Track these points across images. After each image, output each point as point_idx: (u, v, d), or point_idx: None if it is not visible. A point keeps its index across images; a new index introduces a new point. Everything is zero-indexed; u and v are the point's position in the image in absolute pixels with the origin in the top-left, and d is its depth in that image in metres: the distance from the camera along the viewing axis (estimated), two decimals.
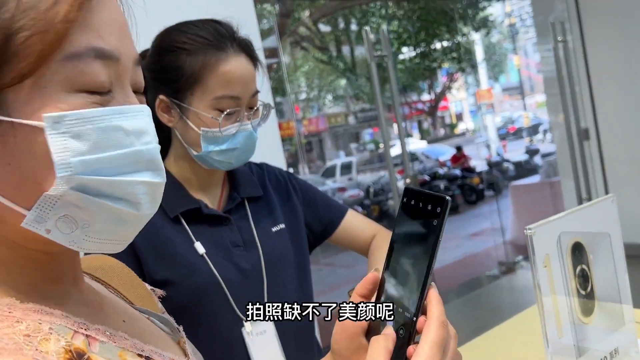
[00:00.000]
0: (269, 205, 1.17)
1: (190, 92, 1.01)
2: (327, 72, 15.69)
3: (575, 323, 0.77)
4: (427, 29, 12.45)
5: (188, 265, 1.02)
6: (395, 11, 12.49)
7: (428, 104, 21.11)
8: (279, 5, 9.03)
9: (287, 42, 12.39)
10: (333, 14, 11.65)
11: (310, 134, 20.75)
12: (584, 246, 0.79)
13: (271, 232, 1.14)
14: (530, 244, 0.72)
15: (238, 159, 1.06)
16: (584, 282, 0.79)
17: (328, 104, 19.46)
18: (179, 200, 1.06)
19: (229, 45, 1.02)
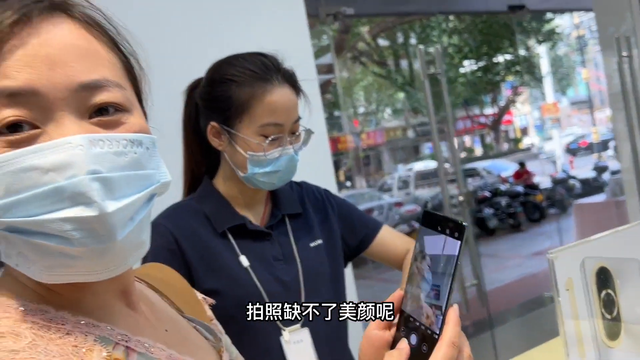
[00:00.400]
0: (307, 221, 1.24)
1: (239, 120, 1.11)
2: (385, 86, 15.70)
3: (600, 346, 0.78)
4: (490, 42, 12.25)
5: (233, 276, 1.11)
6: (457, 25, 12.37)
7: (491, 117, 20.65)
8: (338, 22, 9.19)
9: (346, 57, 12.52)
10: (392, 29, 11.68)
11: (369, 148, 20.76)
12: (610, 271, 0.81)
13: (309, 247, 1.21)
14: (551, 268, 0.75)
15: (280, 179, 1.15)
16: (609, 306, 0.80)
17: (386, 118, 19.42)
18: (226, 216, 1.15)
19: (274, 76, 1.11)
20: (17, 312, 0.48)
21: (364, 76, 15.42)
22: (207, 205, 1.16)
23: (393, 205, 11.33)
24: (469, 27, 12.19)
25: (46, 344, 0.46)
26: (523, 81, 15.32)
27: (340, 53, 11.58)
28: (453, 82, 13.80)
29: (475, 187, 11.43)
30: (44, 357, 0.45)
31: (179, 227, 1.12)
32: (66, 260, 0.47)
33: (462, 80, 14.65)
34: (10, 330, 0.46)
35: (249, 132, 1.10)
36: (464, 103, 18.70)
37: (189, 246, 1.10)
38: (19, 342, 0.45)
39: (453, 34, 12.74)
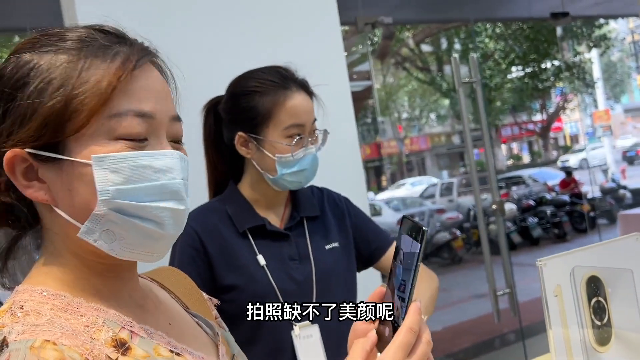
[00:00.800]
0: (325, 224, 1.32)
1: (265, 126, 1.21)
2: (429, 91, 15.60)
3: (589, 351, 0.83)
4: (538, 48, 12.01)
5: (250, 274, 1.20)
6: (503, 30, 12.19)
7: (540, 124, 20.18)
8: (381, 29, 9.22)
9: (390, 63, 12.53)
10: (436, 34, 11.62)
11: (412, 153, 20.62)
12: (602, 280, 0.85)
13: (324, 249, 1.28)
14: (540, 274, 0.80)
15: (306, 178, 1.25)
16: (599, 313, 0.84)
17: (430, 124, 19.26)
18: (247, 217, 1.24)
19: (292, 84, 1.23)
20: (40, 295, 0.59)
21: (407, 82, 15.37)
22: (231, 207, 1.25)
23: (434, 212, 11.24)
24: (515, 33, 11.99)
25: (62, 321, 0.57)
26: (573, 87, 14.91)
27: (384, 59, 11.61)
28: (499, 88, 13.58)
29: (520, 196, 11.21)
30: (59, 330, 0.55)
31: (204, 226, 1.22)
32: (148, 241, 0.61)
33: (509, 87, 14.40)
34: (33, 309, 0.57)
35: (275, 136, 1.20)
36: (511, 109, 18.35)
37: (211, 244, 1.20)
38: (40, 319, 0.56)
39: (499, 40, 12.55)
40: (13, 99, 0.58)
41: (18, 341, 0.53)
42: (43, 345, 0.53)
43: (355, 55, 8.52)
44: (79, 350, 0.54)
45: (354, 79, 9.84)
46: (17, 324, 0.55)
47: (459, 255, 9.29)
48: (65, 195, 0.60)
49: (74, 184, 0.59)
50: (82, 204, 0.59)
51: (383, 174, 18.34)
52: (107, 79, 0.59)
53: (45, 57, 0.60)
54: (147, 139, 0.61)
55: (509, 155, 25.52)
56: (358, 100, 9.91)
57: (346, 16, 4.60)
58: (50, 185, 0.60)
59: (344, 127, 2.39)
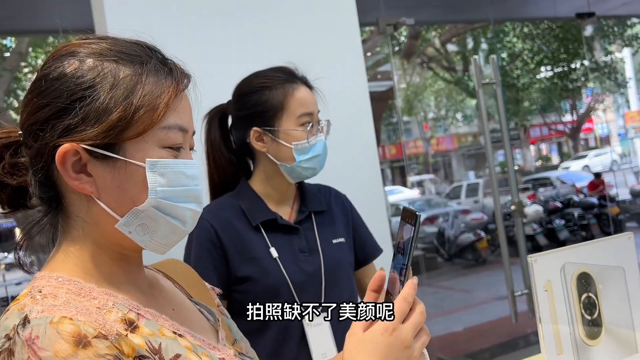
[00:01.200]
0: (332, 220, 1.39)
1: (278, 118, 1.29)
2: (456, 91, 15.47)
3: (578, 344, 0.86)
4: (567, 47, 11.80)
5: (264, 266, 1.26)
6: (532, 30, 12.02)
7: (570, 125, 19.82)
8: (407, 29, 9.21)
9: (415, 63, 12.48)
10: (463, 34, 11.53)
11: (438, 154, 20.48)
12: (592, 276, 0.88)
13: (332, 242, 1.35)
14: (531, 270, 0.84)
15: (320, 164, 1.33)
16: (590, 308, 0.88)
17: (456, 124, 19.09)
18: (260, 212, 1.31)
19: (296, 78, 1.33)
20: (56, 281, 0.67)
21: (433, 82, 15.27)
22: (244, 202, 1.32)
23: (459, 213, 11.17)
24: (544, 32, 11.81)
25: (77, 303, 0.64)
26: (604, 88, 14.61)
27: (410, 59, 11.58)
28: (527, 88, 13.39)
29: (547, 197, 11.05)
30: (74, 309, 0.62)
31: (219, 220, 1.29)
32: (171, 235, 0.71)
33: (537, 87, 14.19)
34: (50, 292, 0.65)
35: (289, 125, 1.29)
36: (540, 110, 18.07)
37: (226, 237, 1.27)
38: (57, 300, 0.63)
39: (527, 39, 12.37)
40: (79, 99, 0.66)
41: (38, 318, 0.60)
42: (61, 321, 0.59)
43: (380, 55, 8.54)
44: (93, 325, 0.61)
45: (378, 79, 9.84)
46: (37, 305, 0.62)
47: (483, 256, 9.21)
48: (112, 190, 0.67)
49: (125, 182, 0.67)
50: (129, 199, 0.68)
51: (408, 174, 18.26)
52: (165, 97, 0.68)
53: (108, 65, 0.67)
54: (181, 148, 0.72)
55: (538, 156, 25.12)
56: (382, 100, 9.92)
57: (368, 17, 4.64)
58: (97, 180, 0.67)
59: (362, 127, 2.43)
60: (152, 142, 0.68)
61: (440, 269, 9.76)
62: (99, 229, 0.69)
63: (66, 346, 0.58)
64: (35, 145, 0.67)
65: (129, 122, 0.66)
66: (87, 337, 0.59)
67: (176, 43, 0.78)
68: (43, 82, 0.67)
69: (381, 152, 16.41)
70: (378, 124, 10.53)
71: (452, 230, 10.16)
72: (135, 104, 0.66)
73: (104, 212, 0.68)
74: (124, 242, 0.69)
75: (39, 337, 0.58)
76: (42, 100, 0.66)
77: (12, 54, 7.19)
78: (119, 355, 0.60)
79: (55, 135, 0.66)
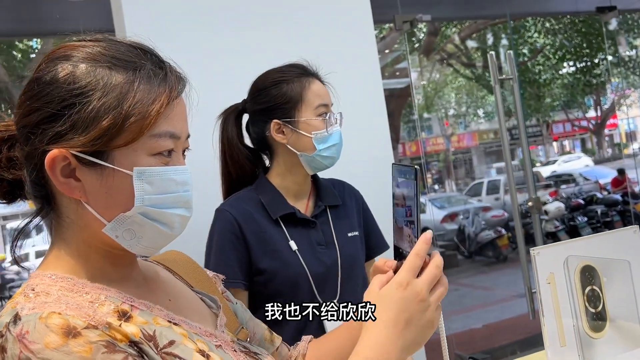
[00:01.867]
0: (346, 213, 1.44)
1: (297, 109, 1.34)
2: (476, 88, 15.32)
3: (582, 336, 0.87)
4: (591, 42, 11.61)
5: (284, 259, 1.31)
6: (554, 25, 11.85)
7: (594, 121, 19.50)
8: (427, 25, 9.16)
9: (435, 60, 12.40)
10: (483, 30, 11.42)
11: (459, 151, 20.32)
12: (597, 269, 0.89)
13: (347, 236, 1.40)
14: (533, 263, 0.85)
15: (337, 153, 1.37)
16: (594, 301, 0.89)
17: (477, 120, 18.90)
18: (279, 206, 1.35)
19: (310, 73, 1.38)
20: (49, 279, 0.68)
21: (454, 78, 15.15)
22: (264, 196, 1.36)
23: (480, 210, 11.07)
24: (566, 27, 11.63)
25: (68, 299, 0.65)
26: (629, 83, 14.33)
27: (429, 55, 11.51)
28: (548, 84, 13.21)
29: (569, 194, 10.90)
30: (64, 306, 0.63)
31: (241, 213, 1.32)
32: (158, 240, 0.72)
33: (560, 82, 13.98)
34: (43, 290, 0.66)
35: (308, 115, 1.34)
36: (563, 106, 17.79)
37: (248, 230, 1.32)
38: (49, 297, 0.65)
39: (548, 34, 12.19)
40: (69, 106, 0.66)
41: (28, 315, 0.62)
42: (49, 316, 0.61)
43: (398, 52, 8.51)
44: (82, 318, 0.62)
45: (397, 76, 9.81)
46: (29, 303, 0.64)
47: (504, 253, 9.13)
48: (101, 196, 0.68)
49: (113, 189, 0.68)
50: (116, 205, 0.68)
51: (429, 172, 18.15)
52: (156, 106, 0.68)
53: (101, 72, 0.67)
54: (171, 153, 0.72)
55: (561, 153, 24.75)
56: (402, 97, 9.88)
57: (385, 14, 4.64)
58: (85, 185, 0.68)
59: (376, 124, 2.44)
60: (142, 150, 0.68)
61: (460, 266, 9.70)
62: (88, 231, 0.71)
63: (56, 338, 0.59)
64: (25, 148, 0.68)
65: (118, 130, 0.66)
66: (76, 328, 0.61)
67: (193, 46, 0.79)
68: (35, 86, 0.68)
69: (401, 149, 16.35)
70: (397, 121, 10.50)
71: (473, 227, 10.09)
72: (126, 112, 0.66)
73: (93, 215, 0.69)
74: (113, 243, 0.70)
75: (29, 332, 0.60)
76: (34, 104, 0.67)
77: (37, 55, 7.35)
78: (112, 340, 0.62)
79: (45, 140, 0.67)
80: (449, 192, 16.93)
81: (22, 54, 7.34)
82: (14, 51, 7.18)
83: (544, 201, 10.77)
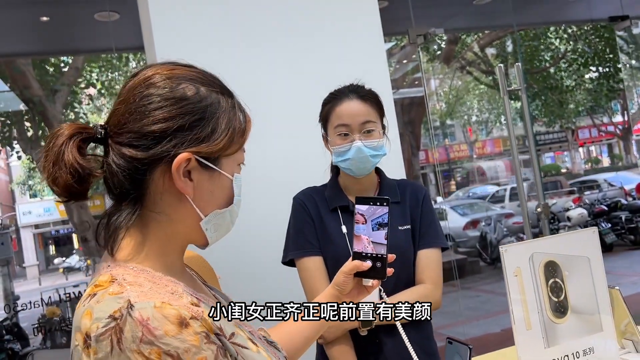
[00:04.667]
0: (404, 210, 1.62)
1: (327, 127, 1.59)
2: (498, 95, 15.29)
3: (546, 321, 1.02)
4: (613, 47, 11.56)
5: (332, 239, 1.54)
6: (575, 31, 11.83)
7: (620, 126, 19.24)
8: (445, 34, 9.26)
9: (455, 67, 12.46)
10: (502, 38, 11.47)
11: (482, 157, 20.22)
12: (559, 264, 1.04)
13: (398, 229, 1.57)
14: (502, 258, 1.00)
15: (356, 167, 1.54)
16: (556, 291, 1.03)
17: (500, 127, 18.81)
18: (337, 198, 1.60)
19: (343, 94, 1.58)
20: (132, 270, 0.76)
21: (475, 86, 15.16)
22: (328, 190, 1.63)
23: (503, 217, 11.04)
24: (586, 33, 11.60)
25: (158, 289, 0.73)
26: None
27: (449, 64, 11.60)
28: (571, 90, 13.14)
29: (593, 200, 10.82)
30: (157, 295, 0.71)
31: (308, 201, 1.61)
32: (224, 233, 0.85)
33: (583, 88, 13.89)
34: (133, 281, 0.73)
35: (331, 134, 1.57)
36: (589, 111, 17.61)
37: (313, 213, 1.59)
38: (143, 288, 0.72)
39: (570, 41, 12.16)
40: (200, 119, 0.79)
41: (140, 302, 0.69)
42: (163, 306, 0.69)
43: (416, 62, 8.63)
44: (186, 309, 0.70)
45: (416, 85, 9.94)
46: (131, 291, 0.71)
47: None
48: (205, 194, 0.80)
49: (216, 189, 0.82)
50: (214, 203, 0.82)
51: (452, 179, 18.11)
52: (249, 125, 0.86)
53: (214, 96, 0.81)
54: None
55: (587, 159, 24.41)
56: (422, 106, 10.00)
57: (399, 27, 4.78)
58: (196, 184, 0.79)
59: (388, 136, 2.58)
60: (235, 160, 0.83)
61: (482, 272, 9.70)
62: (180, 225, 0.80)
63: (173, 327, 0.67)
64: (156, 149, 0.77)
65: (228, 143, 0.80)
66: (185, 319, 0.68)
67: (217, 64, 0.93)
68: (164, 101, 0.78)
69: (423, 156, 16.39)
70: (418, 129, 10.61)
71: (495, 234, 10.08)
72: (234, 129, 0.82)
73: (193, 211, 0.80)
74: (194, 236, 0.81)
75: (150, 319, 0.67)
76: (166, 114, 0.77)
77: (69, 69, 7.69)
78: (207, 332, 0.70)
79: (177, 144, 0.77)
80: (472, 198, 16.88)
81: (54, 68, 7.68)
82: (46, 65, 7.52)
83: (566, 207, 10.71)
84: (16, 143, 7.99)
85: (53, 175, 0.75)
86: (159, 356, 0.66)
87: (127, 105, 0.78)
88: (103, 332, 0.67)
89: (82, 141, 0.77)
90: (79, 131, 0.77)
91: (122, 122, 0.78)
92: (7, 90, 6.72)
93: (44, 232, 15.91)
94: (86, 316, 0.70)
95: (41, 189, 13.12)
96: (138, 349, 0.66)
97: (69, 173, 0.74)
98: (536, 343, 1.01)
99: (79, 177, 0.75)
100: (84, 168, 0.75)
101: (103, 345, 0.67)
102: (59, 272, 12.22)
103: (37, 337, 4.69)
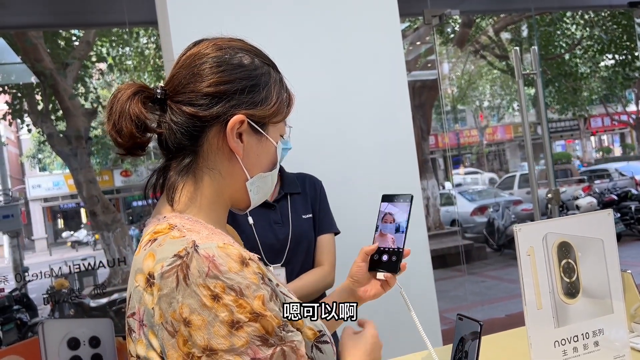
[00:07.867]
0: (305, 200, 1.79)
1: None
2: (512, 80, 15.14)
3: (557, 301, 1.01)
4: (631, 34, 11.36)
5: (242, 229, 1.65)
6: (592, 17, 11.63)
7: (634, 115, 19.02)
8: (461, 16, 9.14)
9: (468, 51, 12.32)
10: (518, 23, 11.30)
11: (492, 143, 20.11)
12: (572, 245, 1.03)
13: (302, 217, 1.76)
14: (516, 238, 0.99)
15: None
16: (569, 272, 1.02)
17: (512, 113, 18.66)
18: None
19: None
20: (188, 220, 0.82)
21: (489, 71, 15.01)
22: None
23: (511, 203, 11.02)
24: (604, 19, 11.40)
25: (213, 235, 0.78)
26: None
27: (462, 47, 11.47)
28: (586, 77, 12.97)
29: (602, 190, 10.75)
30: (217, 237, 0.77)
31: None
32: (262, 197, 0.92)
33: (598, 76, 13.70)
34: (191, 228, 0.79)
35: None
36: (602, 99, 17.40)
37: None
38: (201, 233, 0.78)
39: (586, 27, 11.97)
40: (255, 85, 0.86)
41: (204, 243, 0.74)
42: (225, 246, 0.74)
43: (430, 44, 8.54)
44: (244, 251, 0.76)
45: (429, 67, 9.84)
46: (192, 234, 0.76)
47: None
48: (252, 157, 0.87)
49: (262, 153, 0.88)
50: (259, 166, 0.88)
51: (461, 164, 18.03)
52: (293, 97, 0.93)
53: (266, 67, 0.89)
54: None
55: (599, 148, 24.21)
56: (433, 89, 9.91)
57: (414, 8, 4.73)
58: (246, 146, 0.86)
59: (399, 117, 2.57)
60: (278, 129, 0.90)
61: (488, 258, 9.72)
62: (228, 182, 0.87)
63: (235, 264, 0.72)
64: (215, 109, 0.83)
65: (277, 111, 0.88)
66: (246, 258, 0.74)
67: None
68: (225, 66, 0.85)
69: (433, 141, 16.32)
70: (429, 113, 10.53)
71: (502, 220, 10.07)
72: (282, 100, 0.89)
73: (241, 170, 0.87)
74: (239, 195, 0.88)
75: (215, 256, 0.72)
76: (226, 78, 0.84)
77: (80, 43, 7.67)
78: (262, 274, 0.75)
79: (233, 106, 0.84)
80: (480, 185, 16.82)
81: (65, 41, 7.67)
82: (58, 39, 7.51)
83: (576, 196, 10.67)
84: (27, 116, 8.02)
85: (119, 127, 0.81)
86: (223, 290, 0.70)
87: (187, 69, 0.85)
88: (168, 269, 0.72)
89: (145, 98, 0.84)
90: (141, 90, 0.83)
91: (184, 84, 0.84)
92: (19, 62, 6.73)
93: (53, 205, 16.07)
94: (149, 258, 0.76)
95: (50, 162, 13.19)
96: (204, 283, 0.70)
97: (133, 124, 0.81)
98: (546, 322, 1.00)
99: (144, 128, 0.82)
100: (148, 119, 0.82)
101: (168, 282, 0.72)
102: (66, 245, 12.35)
103: (46, 308, 4.76)
